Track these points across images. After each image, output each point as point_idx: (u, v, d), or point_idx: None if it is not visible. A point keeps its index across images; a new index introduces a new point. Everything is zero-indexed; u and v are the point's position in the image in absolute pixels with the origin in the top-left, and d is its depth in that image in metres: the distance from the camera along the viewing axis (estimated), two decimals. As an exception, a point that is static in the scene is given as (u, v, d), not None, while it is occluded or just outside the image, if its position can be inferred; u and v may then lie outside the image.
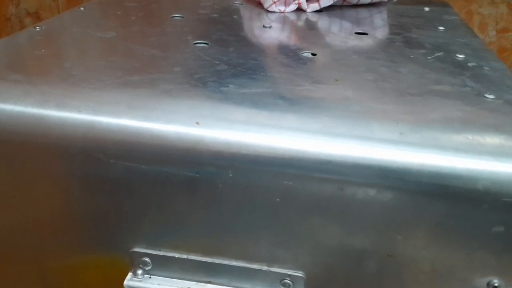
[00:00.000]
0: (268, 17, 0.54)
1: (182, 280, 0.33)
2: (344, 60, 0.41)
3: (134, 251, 0.33)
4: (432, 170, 0.28)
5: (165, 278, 0.33)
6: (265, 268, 0.32)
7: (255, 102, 0.31)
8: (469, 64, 0.40)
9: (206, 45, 0.43)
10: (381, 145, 0.28)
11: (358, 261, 0.31)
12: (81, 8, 0.53)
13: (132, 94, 0.32)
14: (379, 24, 0.54)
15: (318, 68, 0.39)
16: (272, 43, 0.45)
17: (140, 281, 0.33)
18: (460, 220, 0.28)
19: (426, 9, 0.60)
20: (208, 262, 0.32)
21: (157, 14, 0.53)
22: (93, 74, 0.35)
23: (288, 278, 0.32)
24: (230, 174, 0.29)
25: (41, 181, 0.32)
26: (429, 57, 0.42)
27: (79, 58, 0.38)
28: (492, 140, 0.29)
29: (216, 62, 0.38)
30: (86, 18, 0.50)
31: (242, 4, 0.60)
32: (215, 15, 0.54)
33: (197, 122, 0.29)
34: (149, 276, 0.34)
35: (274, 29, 0.49)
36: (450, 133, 0.29)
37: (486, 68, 0.40)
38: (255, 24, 0.51)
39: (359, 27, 0.51)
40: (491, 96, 0.34)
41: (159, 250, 0.33)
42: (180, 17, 0.52)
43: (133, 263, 0.33)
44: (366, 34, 0.49)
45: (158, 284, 0.33)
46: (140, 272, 0.33)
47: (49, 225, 0.34)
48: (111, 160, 0.30)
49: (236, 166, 0.29)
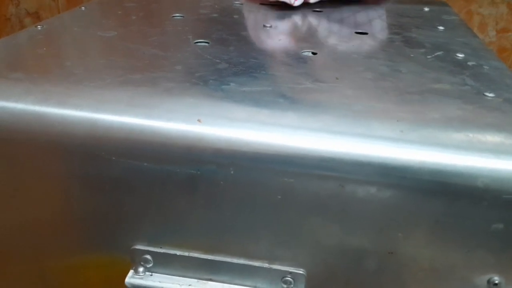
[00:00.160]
0: (269, 17, 0.54)
1: (184, 278, 0.33)
2: (345, 59, 0.41)
3: (136, 249, 0.33)
4: (432, 168, 0.28)
5: (167, 276, 0.34)
6: (266, 266, 0.32)
7: (256, 100, 0.32)
8: (469, 63, 0.40)
9: (207, 44, 0.43)
10: (382, 143, 0.28)
11: (359, 259, 0.31)
12: (82, 8, 0.53)
13: (133, 92, 0.32)
14: (379, 24, 0.54)
15: (319, 67, 0.39)
16: (273, 42, 0.45)
17: (142, 279, 0.33)
18: (460, 218, 0.29)
19: (426, 9, 0.60)
20: (209, 260, 0.33)
21: (158, 14, 0.53)
22: (94, 73, 0.35)
23: (289, 276, 0.32)
24: (231, 172, 0.29)
25: (42, 180, 0.32)
26: (429, 56, 0.42)
27: (80, 57, 0.38)
28: (492, 138, 0.29)
29: (217, 61, 0.38)
30: (87, 18, 0.50)
31: (243, 4, 0.60)
32: (216, 15, 0.54)
33: (199, 120, 0.29)
34: (151, 274, 0.34)
35: (275, 29, 0.49)
36: (450, 131, 0.29)
37: (486, 67, 0.40)
38: (256, 24, 0.52)
39: (359, 27, 0.51)
40: (491, 95, 0.34)
41: (160, 248, 0.33)
42: (181, 17, 0.52)
43: (134, 261, 0.33)
44: (366, 34, 0.49)
45: (160, 282, 0.33)
46: (142, 270, 0.33)
47: (50, 224, 0.34)
48: (112, 158, 0.30)
49: (237, 164, 0.29)
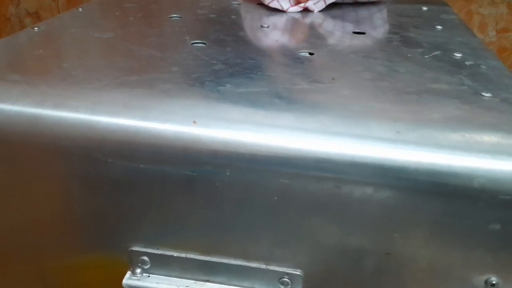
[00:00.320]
0: (266, 17, 0.54)
1: (181, 279, 0.33)
2: (342, 59, 0.41)
3: (133, 250, 0.33)
4: (429, 168, 0.28)
5: (164, 277, 0.34)
6: (264, 267, 0.32)
7: (252, 101, 0.32)
8: (467, 63, 0.40)
9: (204, 45, 0.43)
10: (379, 144, 0.28)
11: (356, 259, 0.31)
12: (80, 9, 0.53)
13: (130, 94, 0.32)
14: (377, 24, 0.54)
15: (316, 67, 0.39)
16: (270, 43, 0.45)
17: (139, 280, 0.33)
18: (457, 218, 0.28)
19: (424, 9, 0.60)
20: (207, 261, 0.33)
21: (156, 15, 0.53)
22: (91, 74, 0.35)
23: (287, 277, 0.32)
24: (228, 173, 0.29)
25: (40, 181, 0.32)
26: (427, 56, 0.42)
27: (78, 59, 0.38)
28: (489, 138, 0.29)
29: (214, 62, 0.38)
30: (85, 19, 0.50)
31: (240, 5, 0.60)
32: (213, 15, 0.54)
33: (194, 121, 0.29)
34: (148, 275, 0.34)
35: (272, 29, 0.49)
36: (447, 131, 0.29)
37: (484, 67, 0.40)
38: (253, 24, 0.51)
39: (357, 27, 0.51)
40: (488, 95, 0.34)
41: (158, 249, 0.33)
42: (178, 18, 0.52)
43: (132, 262, 0.33)
44: (364, 34, 0.49)
45: (157, 283, 0.33)
46: (139, 271, 0.33)
47: (48, 225, 0.34)
48: (109, 160, 0.30)
49: (234, 165, 0.29)
